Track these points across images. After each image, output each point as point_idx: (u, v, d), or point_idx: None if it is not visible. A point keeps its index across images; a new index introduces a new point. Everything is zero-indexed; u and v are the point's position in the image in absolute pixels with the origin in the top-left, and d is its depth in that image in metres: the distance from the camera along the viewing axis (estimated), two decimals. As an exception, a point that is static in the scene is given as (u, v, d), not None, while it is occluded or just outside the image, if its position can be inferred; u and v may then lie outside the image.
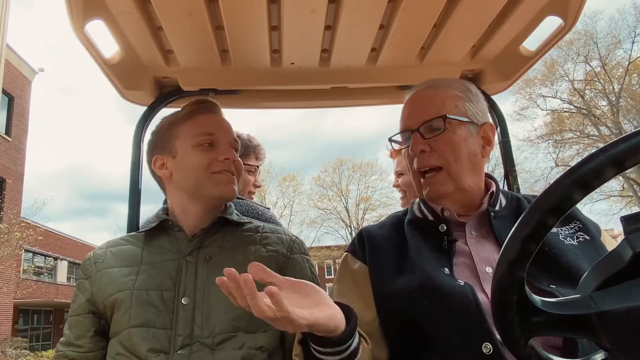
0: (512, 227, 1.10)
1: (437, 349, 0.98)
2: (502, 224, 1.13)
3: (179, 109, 1.41)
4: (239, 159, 1.36)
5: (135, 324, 1.14)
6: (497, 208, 1.17)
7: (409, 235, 1.17)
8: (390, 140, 1.28)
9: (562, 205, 0.58)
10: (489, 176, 1.26)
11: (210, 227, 1.30)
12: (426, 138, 1.17)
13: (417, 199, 1.29)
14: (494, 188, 1.21)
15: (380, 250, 1.17)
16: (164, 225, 1.31)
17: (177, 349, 1.10)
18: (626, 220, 0.61)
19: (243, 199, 1.86)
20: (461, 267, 1.07)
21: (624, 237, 0.61)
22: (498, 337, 0.89)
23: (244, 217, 1.41)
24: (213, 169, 1.28)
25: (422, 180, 1.19)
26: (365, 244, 1.20)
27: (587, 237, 1.08)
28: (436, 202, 1.21)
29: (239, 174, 1.34)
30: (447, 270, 1.05)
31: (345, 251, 1.28)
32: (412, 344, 1.04)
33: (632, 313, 0.56)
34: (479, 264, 1.06)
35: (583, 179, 0.56)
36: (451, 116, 1.16)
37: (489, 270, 1.05)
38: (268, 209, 1.92)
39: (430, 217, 1.20)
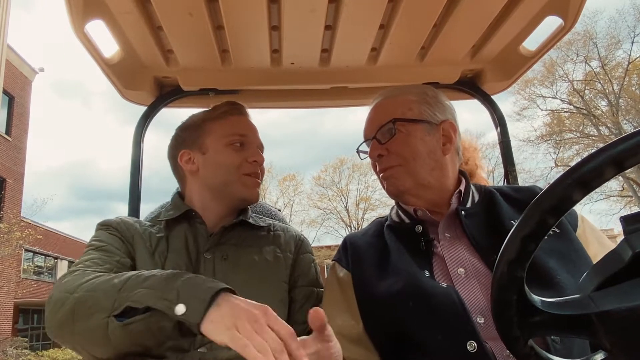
0: (483, 223, 1.14)
1: (423, 349, 0.99)
2: (472, 221, 1.14)
3: (209, 109, 1.42)
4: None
5: None
6: (468, 205, 1.18)
7: (389, 240, 1.19)
8: (358, 151, 1.32)
9: (562, 205, 0.58)
10: (461, 173, 1.27)
11: (229, 225, 1.30)
12: (383, 143, 1.21)
13: (394, 204, 1.31)
14: (462, 186, 1.22)
15: (363, 256, 1.19)
16: (185, 215, 1.30)
17: (197, 347, 1.10)
18: (626, 221, 0.61)
19: None
20: (437, 270, 1.08)
21: (623, 237, 0.61)
22: (482, 335, 0.92)
23: (260, 220, 1.42)
24: (243, 170, 1.30)
25: (380, 177, 1.24)
26: (349, 251, 1.23)
27: (557, 230, 1.08)
28: (400, 198, 1.24)
29: (262, 178, 1.37)
30: (427, 272, 1.06)
31: (332, 260, 1.29)
32: (399, 346, 1.05)
33: (632, 313, 0.56)
34: (450, 266, 1.07)
35: (583, 178, 0.56)
36: (400, 117, 1.20)
37: (461, 271, 1.06)
38: (279, 210, 1.92)
39: (407, 220, 1.23)
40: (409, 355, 1.02)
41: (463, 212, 1.15)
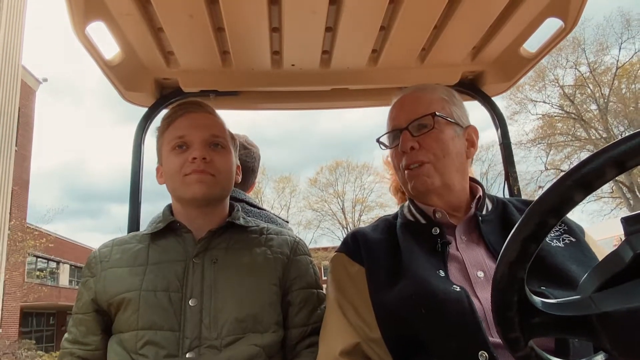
0: (499, 231, 1.14)
1: (435, 356, 0.98)
2: (489, 228, 1.15)
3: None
4: (224, 156, 1.31)
5: (144, 325, 1.13)
6: (484, 212, 1.20)
7: (401, 240, 1.17)
8: (378, 141, 1.30)
9: (562, 206, 0.58)
10: (475, 181, 1.28)
11: (217, 229, 1.28)
12: (415, 136, 1.20)
13: (407, 202, 1.29)
14: (480, 193, 1.23)
15: (376, 255, 1.17)
16: (171, 227, 1.30)
17: (185, 352, 1.10)
18: (627, 222, 0.61)
19: (264, 210, 1.78)
20: (454, 271, 1.08)
21: (624, 238, 0.61)
22: (493, 342, 0.91)
23: (250, 221, 1.40)
24: (184, 171, 1.25)
25: (406, 174, 1.21)
26: (361, 245, 1.20)
27: (573, 239, 1.11)
28: (423, 199, 1.22)
29: (218, 171, 1.27)
30: (442, 272, 1.05)
31: (339, 251, 1.26)
32: (411, 351, 1.04)
33: (632, 314, 0.55)
34: (470, 269, 1.07)
35: (584, 179, 0.56)
36: (439, 114, 1.20)
37: (481, 274, 1.06)
38: (287, 222, 1.87)
39: (422, 220, 1.21)
40: None
41: (480, 218, 1.16)
